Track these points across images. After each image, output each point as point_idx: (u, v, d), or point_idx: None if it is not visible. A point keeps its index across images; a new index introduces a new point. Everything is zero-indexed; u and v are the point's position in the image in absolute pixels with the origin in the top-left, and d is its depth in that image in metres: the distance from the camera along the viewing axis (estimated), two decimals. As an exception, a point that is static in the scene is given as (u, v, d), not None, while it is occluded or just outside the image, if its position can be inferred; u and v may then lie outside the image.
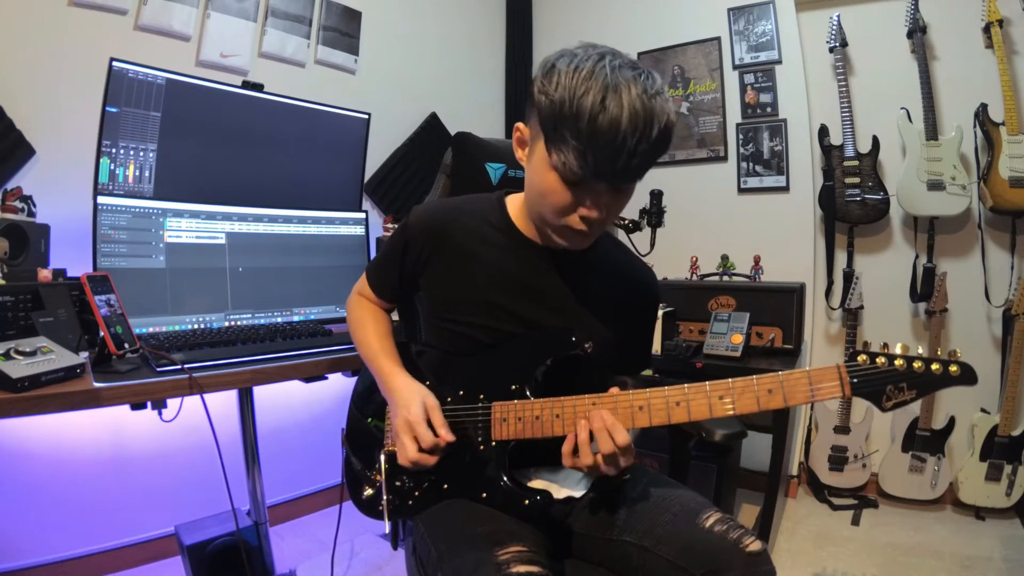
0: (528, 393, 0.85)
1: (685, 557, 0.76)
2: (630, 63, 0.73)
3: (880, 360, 0.69)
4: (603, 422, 0.76)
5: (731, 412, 0.73)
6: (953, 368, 0.67)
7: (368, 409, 1.03)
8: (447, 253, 0.92)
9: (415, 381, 0.91)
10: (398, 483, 0.92)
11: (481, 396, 0.88)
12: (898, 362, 0.68)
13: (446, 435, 0.84)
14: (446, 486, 0.88)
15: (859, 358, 0.69)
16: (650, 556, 0.79)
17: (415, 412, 0.84)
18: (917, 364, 0.68)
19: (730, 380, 0.74)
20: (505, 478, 0.84)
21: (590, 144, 0.70)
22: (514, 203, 0.94)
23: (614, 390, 0.80)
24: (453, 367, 0.93)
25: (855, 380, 0.69)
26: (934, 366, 0.67)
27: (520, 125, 0.84)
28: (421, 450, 0.83)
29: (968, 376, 0.67)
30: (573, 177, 0.74)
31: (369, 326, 1.01)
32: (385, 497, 0.92)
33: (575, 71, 0.71)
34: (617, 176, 0.75)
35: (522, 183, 0.88)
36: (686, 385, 0.75)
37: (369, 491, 0.96)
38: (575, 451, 0.79)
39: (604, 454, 0.76)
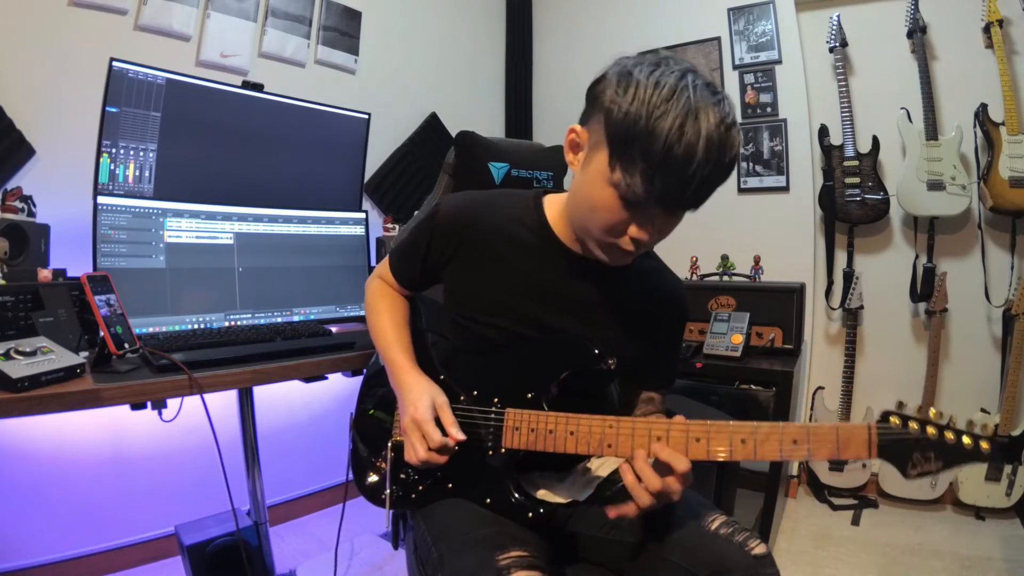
0: (544, 404, 0.82)
1: (690, 559, 0.76)
2: (710, 86, 0.69)
3: (912, 425, 0.65)
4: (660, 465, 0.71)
5: (751, 458, 0.70)
6: (984, 444, 0.64)
7: (368, 401, 1.03)
8: (473, 250, 0.89)
9: (425, 377, 0.89)
10: (403, 475, 0.91)
11: (496, 400, 0.86)
12: (929, 430, 0.65)
13: (456, 434, 0.82)
14: (451, 485, 0.88)
15: (891, 419, 0.66)
16: (654, 558, 0.79)
17: (423, 411, 0.82)
18: (948, 435, 0.64)
19: (755, 424, 0.70)
20: (515, 494, 0.83)
21: (661, 170, 0.67)
22: (552, 205, 0.90)
23: (652, 417, 0.77)
24: (470, 365, 0.91)
25: (884, 443, 0.65)
26: (965, 439, 0.64)
27: (576, 128, 0.78)
28: (430, 449, 0.82)
29: (996, 455, 0.64)
30: (634, 199, 0.70)
31: (385, 314, 0.98)
32: (388, 487, 0.91)
33: (656, 86, 0.66)
34: (681, 204, 0.72)
35: (525, 184, 0.87)
36: (709, 422, 0.72)
37: (374, 478, 0.96)
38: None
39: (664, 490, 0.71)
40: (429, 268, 0.94)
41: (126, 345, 1.08)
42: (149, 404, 1.02)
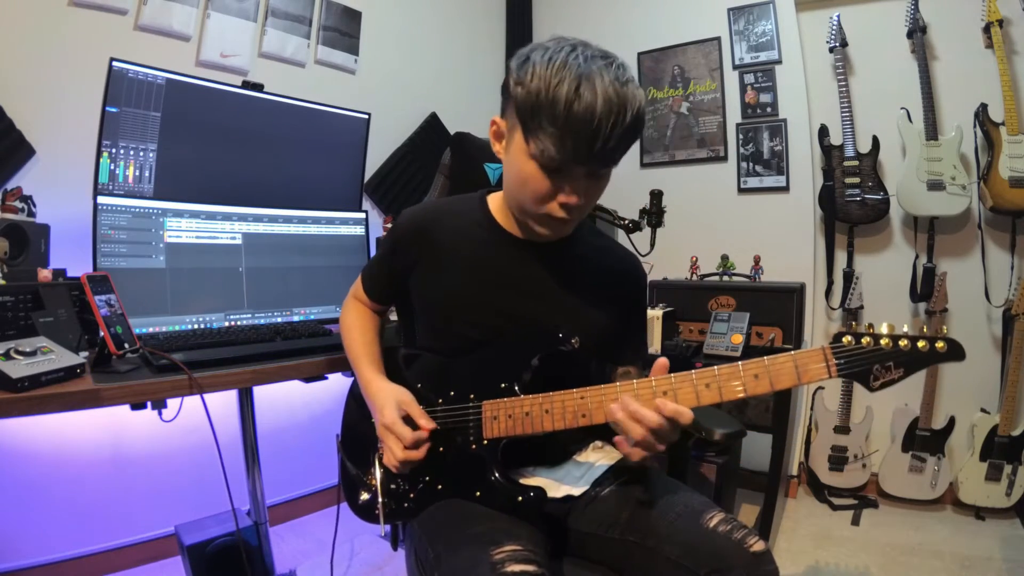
0: (517, 390, 0.85)
1: (689, 556, 0.76)
2: (601, 53, 0.76)
3: (865, 340, 0.68)
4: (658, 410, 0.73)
5: (718, 400, 0.73)
6: (940, 344, 0.66)
7: (351, 420, 1.05)
8: (433, 253, 0.93)
9: (389, 383, 0.92)
10: (393, 486, 0.92)
11: (471, 396, 0.88)
12: (884, 341, 0.68)
13: (426, 424, 0.85)
14: (441, 487, 0.88)
15: (844, 339, 0.69)
16: (653, 555, 0.79)
17: (389, 414, 0.85)
18: (903, 342, 0.67)
19: (716, 368, 0.73)
20: (497, 474, 0.84)
21: (567, 130, 0.73)
22: (495, 200, 0.96)
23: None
24: (445, 369, 0.93)
25: (840, 361, 0.68)
26: (920, 343, 0.67)
27: (496, 119, 0.85)
28: (407, 447, 0.84)
29: (955, 351, 0.66)
30: (552, 163, 0.77)
31: (355, 331, 1.03)
32: (380, 501, 0.92)
33: (549, 62, 0.74)
34: (594, 159, 0.77)
35: None
36: (672, 375, 0.75)
37: (365, 496, 0.96)
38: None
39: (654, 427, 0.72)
40: (396, 278, 0.99)
41: (126, 345, 1.08)
42: (149, 404, 1.02)
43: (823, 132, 2.30)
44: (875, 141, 2.22)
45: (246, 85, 1.67)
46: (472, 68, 2.86)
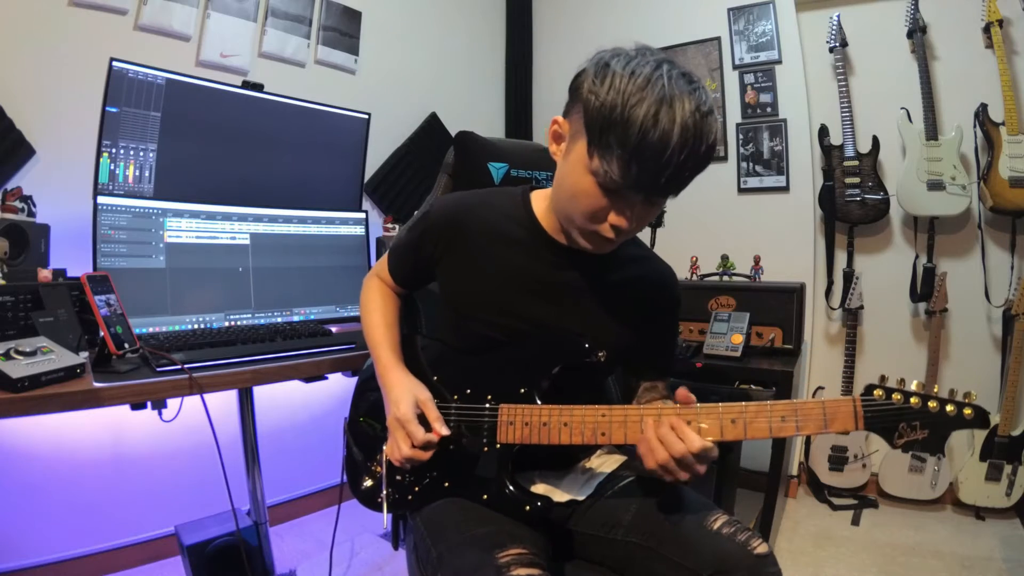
0: (537, 398, 0.83)
1: (692, 558, 0.76)
2: (686, 75, 0.70)
3: (896, 396, 0.68)
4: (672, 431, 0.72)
5: (741, 437, 0.72)
6: (967, 411, 0.66)
7: (361, 407, 1.03)
8: (464, 247, 0.90)
9: (409, 376, 0.90)
10: (398, 477, 0.91)
11: (489, 397, 0.86)
12: (913, 400, 0.67)
13: (440, 429, 0.83)
14: (447, 484, 0.88)
15: (875, 392, 0.69)
16: (656, 557, 0.79)
17: (404, 409, 0.84)
18: (932, 404, 0.67)
19: (744, 404, 0.72)
20: (510, 486, 0.83)
21: (636, 156, 0.68)
22: (539, 200, 0.92)
23: (657, 403, 0.78)
24: (462, 364, 0.92)
25: (869, 415, 0.68)
26: (948, 407, 0.66)
27: (559, 119, 0.80)
28: (414, 446, 0.83)
29: (981, 420, 0.66)
30: (612, 185, 0.72)
31: (377, 312, 0.99)
32: (384, 490, 0.91)
33: (631, 76, 0.68)
34: (658, 191, 0.73)
35: (524, 183, 0.87)
36: (699, 405, 0.74)
37: (369, 482, 0.96)
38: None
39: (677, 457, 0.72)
40: (422, 266, 0.96)
41: (126, 345, 1.08)
42: (149, 404, 1.02)
43: (823, 132, 2.30)
44: (875, 141, 2.22)
45: (246, 85, 1.67)
46: (472, 68, 2.86)
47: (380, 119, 2.05)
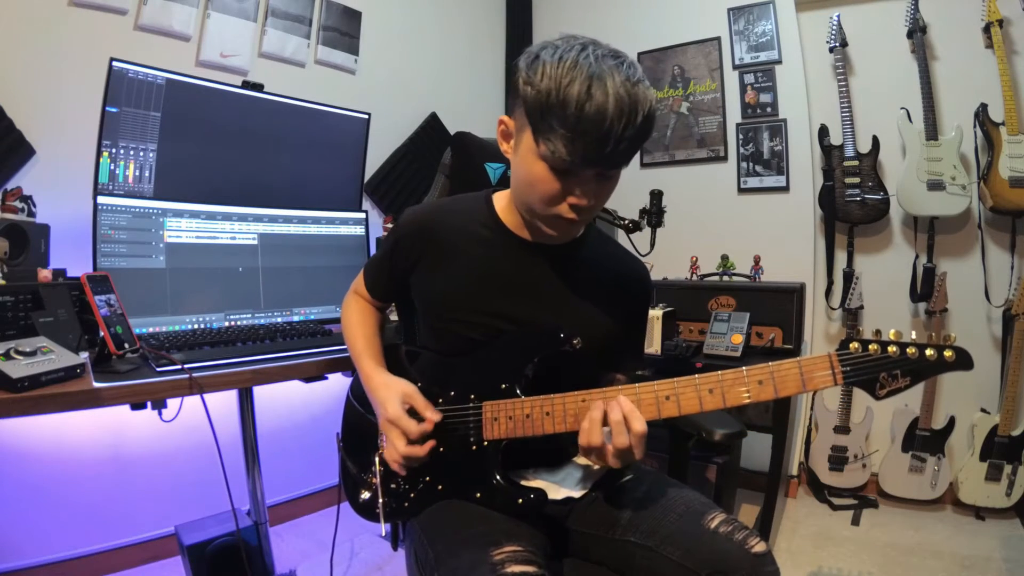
0: (518, 391, 0.85)
1: (690, 557, 0.76)
2: (612, 52, 0.74)
3: (872, 347, 0.67)
4: (621, 411, 0.74)
5: (721, 405, 0.72)
6: (948, 353, 0.66)
7: (369, 407, 1.03)
8: (435, 252, 0.93)
9: (392, 377, 0.92)
10: (393, 485, 0.92)
11: (472, 396, 0.87)
12: (891, 349, 0.67)
13: (431, 416, 0.85)
14: (441, 487, 0.88)
15: (851, 346, 0.68)
16: (654, 556, 0.79)
17: (393, 408, 0.85)
18: (910, 350, 0.67)
19: (720, 373, 0.73)
20: (498, 476, 0.84)
21: (578, 131, 0.71)
22: (501, 200, 0.95)
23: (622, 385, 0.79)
24: (446, 369, 0.93)
25: (847, 368, 0.68)
26: (928, 352, 0.66)
27: (504, 118, 0.84)
28: (411, 442, 0.84)
29: (963, 360, 0.66)
30: (562, 165, 0.75)
31: (356, 327, 1.02)
32: (381, 500, 0.92)
33: (559, 61, 0.72)
34: (605, 162, 0.76)
35: None
36: (675, 379, 0.75)
37: (365, 494, 0.96)
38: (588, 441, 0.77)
39: (617, 446, 0.74)
40: (396, 275, 0.98)
41: (126, 345, 1.08)
42: (149, 404, 1.02)
43: (823, 132, 2.30)
44: (875, 141, 2.22)
45: (246, 85, 1.67)
46: (472, 68, 2.86)
47: (380, 119, 2.05)
